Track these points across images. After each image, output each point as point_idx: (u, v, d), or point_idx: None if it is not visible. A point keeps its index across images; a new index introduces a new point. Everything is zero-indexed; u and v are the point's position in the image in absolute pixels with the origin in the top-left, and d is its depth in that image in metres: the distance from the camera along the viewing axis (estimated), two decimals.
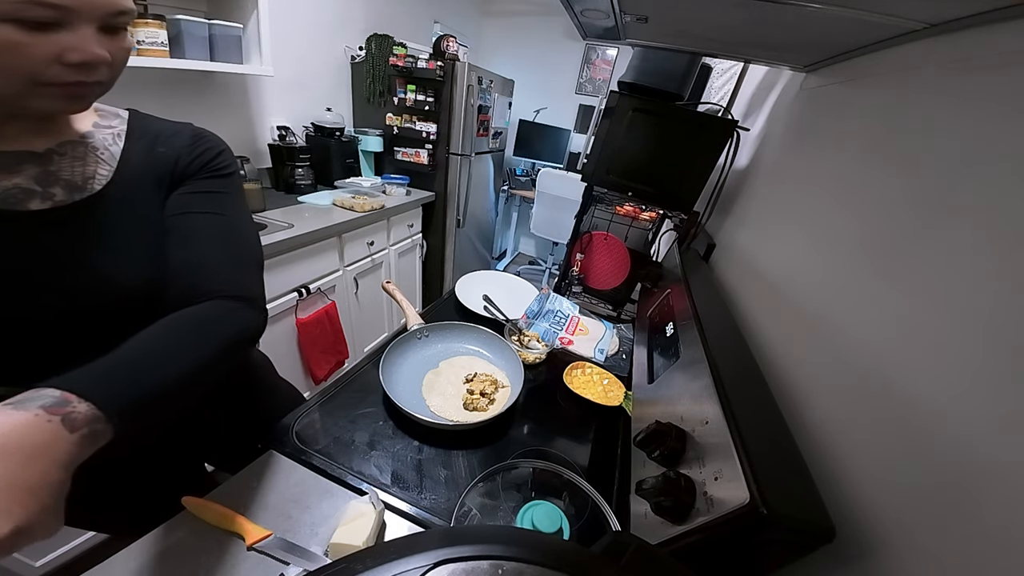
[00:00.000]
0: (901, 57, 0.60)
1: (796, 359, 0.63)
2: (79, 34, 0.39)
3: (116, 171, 0.51)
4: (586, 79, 3.46)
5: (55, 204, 0.46)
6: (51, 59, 0.38)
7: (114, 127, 0.53)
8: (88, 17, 0.39)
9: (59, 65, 0.38)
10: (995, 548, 0.30)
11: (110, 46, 0.41)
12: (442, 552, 0.27)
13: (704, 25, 0.78)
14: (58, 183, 0.47)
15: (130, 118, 0.55)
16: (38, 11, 0.35)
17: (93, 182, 0.49)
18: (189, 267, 0.51)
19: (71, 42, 0.38)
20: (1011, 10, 0.41)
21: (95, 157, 0.50)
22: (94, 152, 0.50)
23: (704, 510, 0.42)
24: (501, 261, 4.00)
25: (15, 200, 0.44)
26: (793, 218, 0.81)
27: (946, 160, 0.46)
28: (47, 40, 0.37)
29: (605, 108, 1.20)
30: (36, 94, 0.39)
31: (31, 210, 0.45)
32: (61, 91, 0.40)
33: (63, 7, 0.37)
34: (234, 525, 0.51)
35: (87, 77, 0.41)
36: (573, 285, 1.49)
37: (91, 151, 0.50)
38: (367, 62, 2.30)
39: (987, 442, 0.33)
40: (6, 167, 0.44)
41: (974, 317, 0.37)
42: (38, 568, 1.09)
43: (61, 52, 0.38)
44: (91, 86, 0.42)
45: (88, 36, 0.39)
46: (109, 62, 0.41)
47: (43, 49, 0.37)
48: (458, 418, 0.75)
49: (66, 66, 0.39)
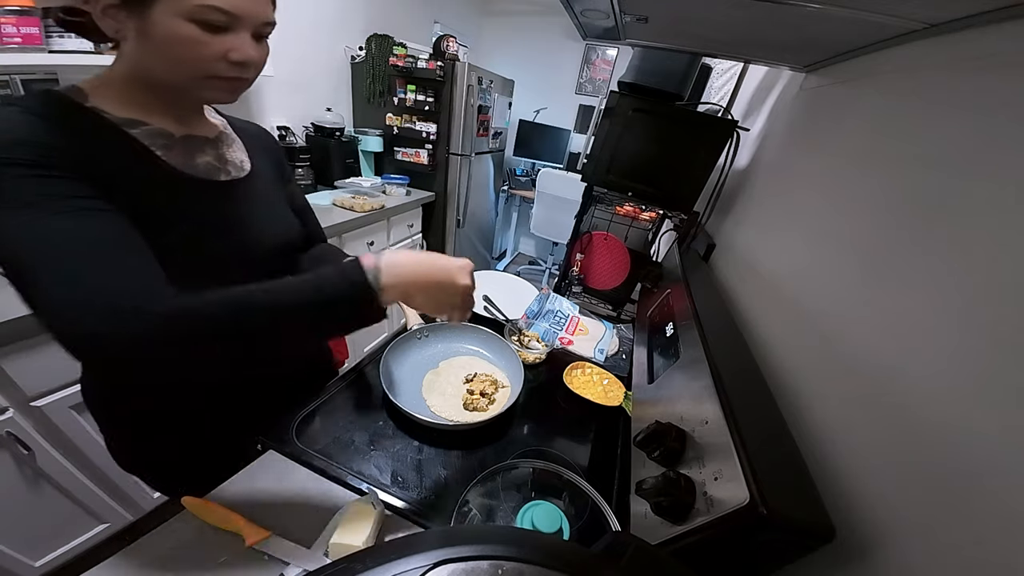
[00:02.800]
0: (901, 57, 0.60)
1: (796, 359, 0.63)
2: (240, 38, 0.48)
3: (250, 158, 0.65)
4: (586, 79, 3.46)
5: (231, 178, 0.61)
6: (219, 56, 0.47)
7: (223, 123, 0.66)
8: (248, 25, 0.48)
9: (224, 62, 0.48)
10: (995, 547, 0.30)
11: (258, 51, 0.51)
12: (442, 552, 0.27)
13: (704, 25, 0.78)
14: (228, 163, 0.61)
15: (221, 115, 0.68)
16: (216, 16, 0.45)
17: (244, 164, 0.64)
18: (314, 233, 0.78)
19: (235, 44, 0.48)
20: (1011, 10, 0.41)
21: (239, 146, 0.65)
22: (236, 142, 0.65)
23: (704, 510, 0.42)
24: (501, 261, 4.00)
25: (211, 172, 0.58)
26: (793, 218, 0.81)
27: (946, 160, 0.46)
28: (218, 40, 0.46)
29: (605, 108, 1.20)
30: (206, 85, 0.49)
31: (221, 180, 0.59)
32: (223, 84, 0.50)
33: (234, 15, 0.46)
34: (234, 525, 0.51)
35: (242, 74, 0.50)
36: (573, 285, 1.49)
37: (234, 141, 0.65)
38: (367, 62, 2.30)
39: (987, 442, 0.33)
40: (198, 147, 0.58)
41: (974, 317, 0.37)
42: (38, 568, 1.09)
43: (228, 51, 0.47)
44: (244, 82, 0.52)
45: (247, 40, 0.49)
46: (258, 63, 0.52)
47: (215, 48, 0.47)
48: (458, 418, 0.75)
49: (229, 63, 0.48)
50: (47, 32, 1.07)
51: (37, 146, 0.42)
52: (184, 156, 0.55)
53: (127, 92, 0.51)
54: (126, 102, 0.51)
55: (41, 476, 1.03)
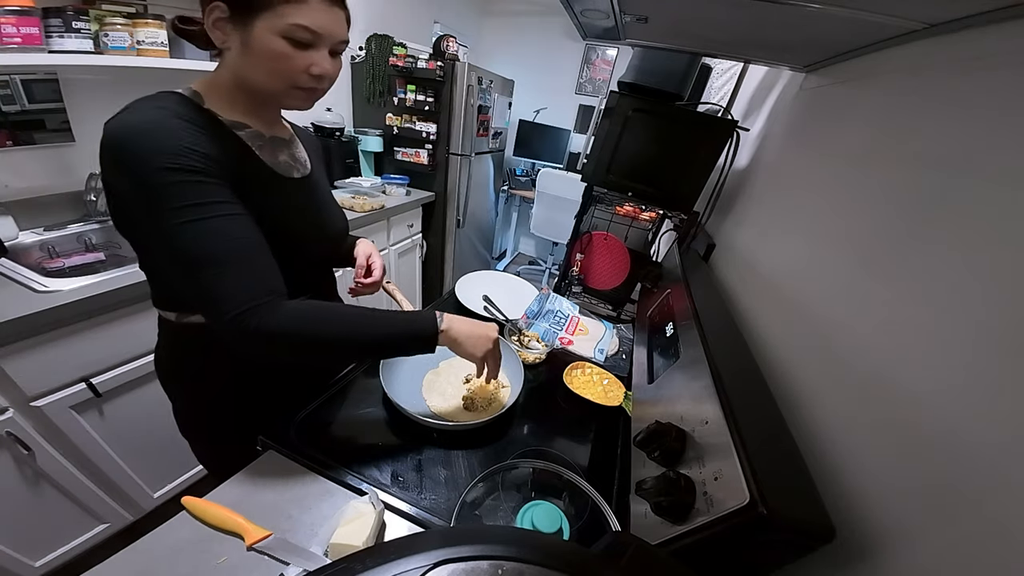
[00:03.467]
0: (901, 57, 0.60)
1: (796, 359, 0.63)
2: (321, 54, 0.55)
3: (309, 157, 0.73)
4: (586, 79, 3.46)
5: (301, 175, 0.68)
6: (303, 69, 0.54)
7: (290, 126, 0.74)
8: (327, 42, 0.55)
9: (306, 74, 0.54)
10: (995, 547, 0.30)
11: (333, 66, 0.57)
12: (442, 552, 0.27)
13: (704, 25, 0.78)
14: (298, 161, 0.69)
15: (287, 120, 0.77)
16: (302, 34, 0.52)
17: (308, 163, 0.71)
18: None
19: (316, 59, 0.54)
20: (1011, 10, 0.41)
21: (303, 147, 0.73)
22: (299, 144, 0.72)
23: (704, 510, 0.42)
24: (501, 261, 4.00)
25: (289, 169, 0.66)
26: (793, 218, 0.81)
27: (946, 160, 0.46)
28: (303, 55, 0.53)
29: (605, 108, 1.20)
30: (290, 94, 0.57)
31: (295, 177, 0.67)
32: (303, 93, 0.57)
33: (318, 33, 0.52)
34: (234, 525, 0.51)
35: (319, 85, 0.57)
36: (573, 285, 1.49)
37: (299, 142, 0.72)
38: (367, 62, 2.29)
39: (986, 441, 0.33)
40: (280, 147, 0.66)
41: (974, 317, 0.37)
42: (38, 568, 1.09)
43: (310, 65, 0.54)
44: (320, 92, 0.59)
45: (325, 56, 0.55)
46: (333, 76, 0.58)
47: (300, 62, 0.53)
48: (458, 418, 0.75)
49: (310, 75, 0.55)
50: (47, 32, 1.07)
51: (196, 153, 0.49)
52: (272, 154, 0.63)
53: (232, 97, 0.58)
54: (232, 106, 0.58)
55: (41, 476, 1.03)
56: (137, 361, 1.12)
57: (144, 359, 1.13)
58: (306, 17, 0.51)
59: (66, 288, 0.95)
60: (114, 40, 1.17)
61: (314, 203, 0.71)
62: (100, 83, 1.29)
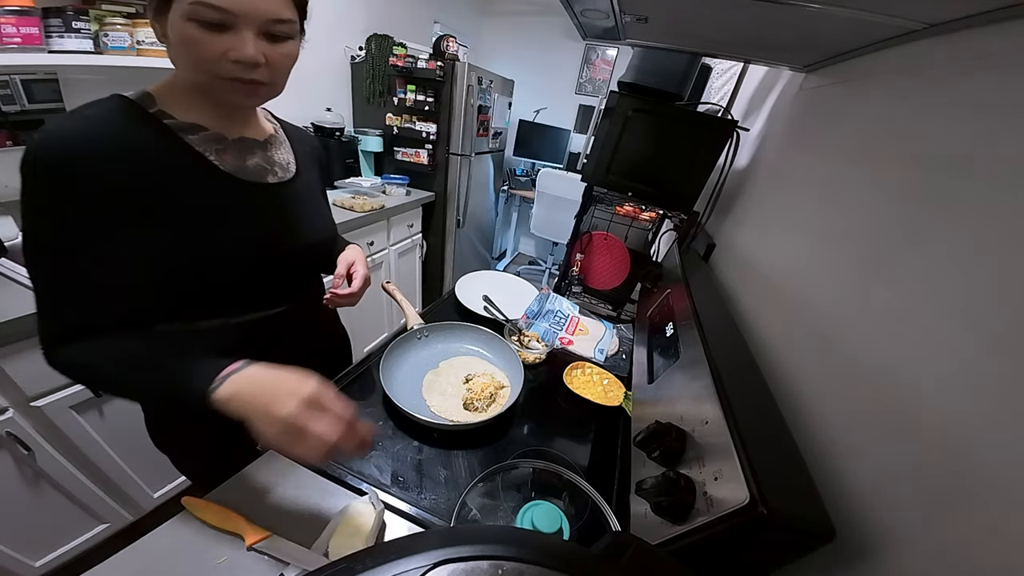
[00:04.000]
0: (901, 57, 0.60)
1: (796, 359, 0.63)
2: (240, 37, 0.47)
3: (296, 160, 0.69)
4: (586, 79, 3.46)
5: (279, 180, 0.64)
6: (220, 55, 0.47)
7: (276, 125, 0.70)
8: (249, 22, 0.47)
9: (227, 61, 0.48)
10: (995, 546, 0.30)
11: (268, 51, 0.50)
12: (442, 552, 0.27)
13: (704, 25, 0.78)
14: (276, 165, 0.65)
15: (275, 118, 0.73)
16: (209, 13, 0.45)
17: (290, 166, 0.67)
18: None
19: (232, 43, 0.47)
20: (1011, 10, 0.41)
21: (286, 148, 0.68)
22: (284, 145, 0.68)
23: (704, 510, 0.42)
24: (501, 261, 3.99)
25: (260, 174, 0.62)
26: (793, 218, 0.81)
27: (946, 160, 0.46)
28: (218, 39, 0.46)
29: (605, 108, 1.20)
30: (218, 86, 0.50)
31: (267, 183, 0.62)
32: (233, 85, 0.50)
33: (225, 10, 0.45)
34: (234, 525, 0.51)
35: (247, 75, 0.49)
36: (573, 285, 1.49)
37: (282, 144, 0.68)
38: (367, 62, 2.29)
39: (987, 441, 0.33)
40: (248, 149, 0.61)
41: (974, 317, 0.37)
42: (38, 568, 1.09)
43: (226, 50, 0.47)
44: (254, 84, 0.51)
45: (248, 39, 0.47)
46: (263, 63, 0.50)
47: (215, 46, 0.47)
48: (458, 418, 0.75)
49: (232, 63, 0.48)
50: (47, 32, 1.07)
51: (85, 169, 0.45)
52: (236, 158, 0.59)
53: (188, 96, 0.54)
54: (189, 106, 0.54)
55: (41, 476, 1.03)
56: None
57: None
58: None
59: None
60: (114, 40, 1.17)
61: (292, 209, 0.66)
62: (100, 83, 1.29)
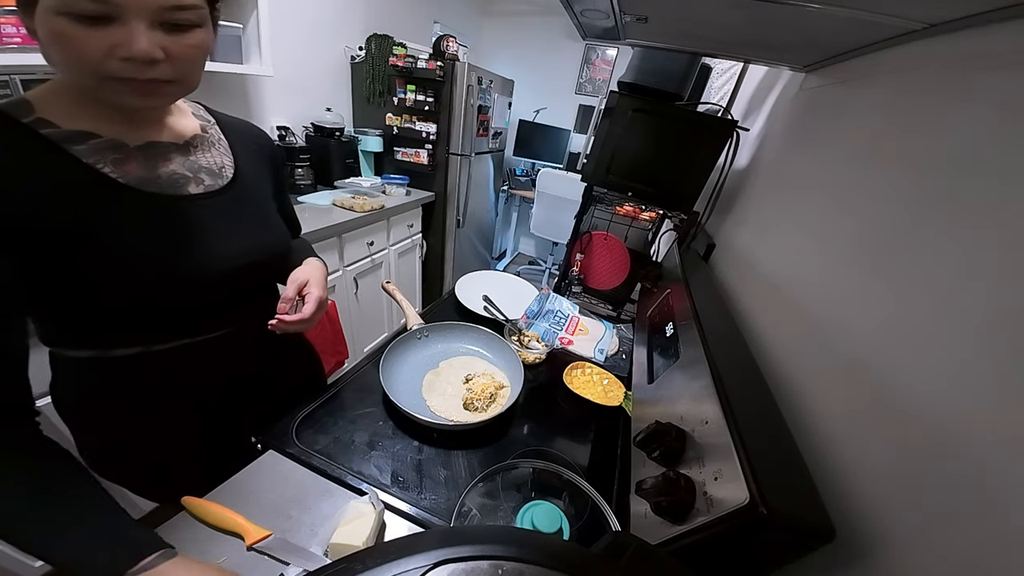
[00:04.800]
0: (901, 57, 0.60)
1: (796, 359, 0.63)
2: (129, 29, 0.39)
3: (235, 162, 0.60)
4: (586, 79, 3.46)
5: (206, 189, 0.55)
6: (105, 53, 0.39)
7: (210, 122, 0.61)
8: (137, 12, 0.39)
9: (116, 60, 0.39)
10: (995, 547, 0.30)
11: (169, 43, 0.41)
12: (442, 552, 0.27)
13: (704, 25, 0.78)
14: (202, 171, 0.55)
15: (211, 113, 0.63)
16: (81, 4, 0.36)
17: (225, 171, 0.58)
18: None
19: (120, 37, 0.39)
20: (1011, 10, 0.41)
21: (219, 149, 0.59)
22: (217, 145, 0.59)
23: (704, 510, 0.42)
24: (501, 261, 3.99)
25: (178, 185, 0.52)
26: (793, 218, 0.81)
27: (945, 160, 0.46)
28: (99, 34, 0.38)
29: (605, 108, 1.20)
30: (106, 88, 0.41)
31: (191, 193, 0.53)
32: (126, 86, 0.42)
33: (109, 2, 0.37)
34: (234, 525, 0.51)
35: (143, 73, 0.41)
36: (573, 285, 1.49)
37: (213, 144, 0.59)
38: (367, 62, 2.29)
39: (987, 441, 0.33)
40: (161, 155, 0.52)
41: (974, 317, 0.37)
42: (38, 568, 1.09)
43: (112, 46, 0.39)
44: (154, 83, 0.43)
45: (139, 32, 0.39)
46: (162, 58, 0.41)
47: (96, 43, 0.38)
48: (458, 418, 0.75)
49: (121, 61, 0.39)
50: None
51: None
52: (143, 168, 0.49)
53: (74, 99, 0.45)
54: (76, 110, 0.45)
55: None
56: None
57: None
58: None
59: None
60: None
61: (222, 223, 0.56)
62: None
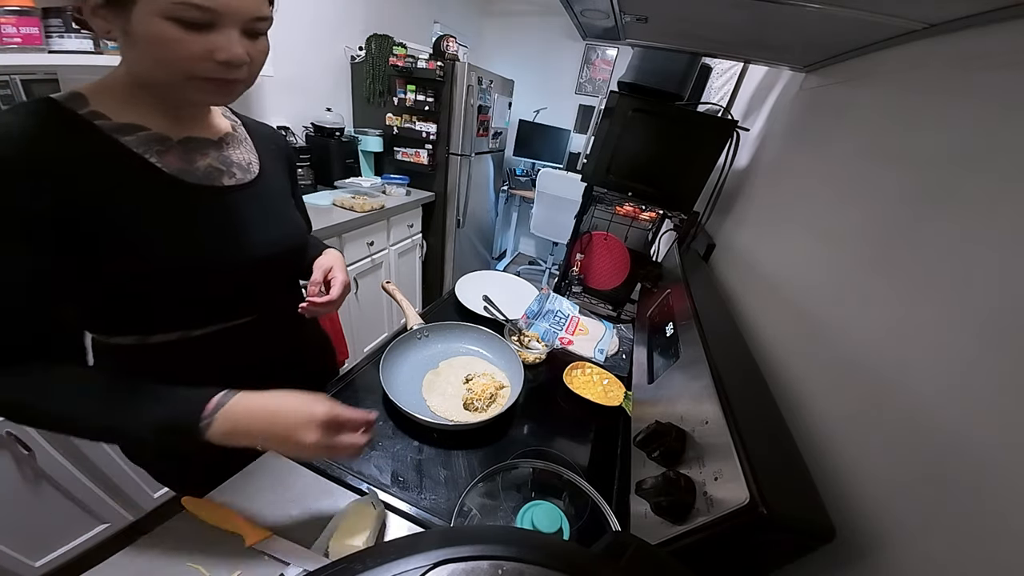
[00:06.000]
0: (901, 57, 0.60)
1: (796, 359, 0.63)
2: (225, 35, 0.45)
3: (260, 159, 0.65)
4: (586, 79, 3.46)
5: (237, 182, 0.60)
6: (203, 56, 0.45)
7: (237, 122, 0.66)
8: (233, 21, 0.45)
9: (210, 62, 0.45)
10: (996, 547, 0.30)
11: (250, 48, 0.48)
12: (442, 552, 0.27)
13: (704, 25, 0.78)
14: (233, 165, 0.60)
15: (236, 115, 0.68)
16: (191, 12, 0.42)
17: (252, 166, 0.63)
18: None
19: (219, 42, 0.45)
20: (1011, 10, 0.41)
21: (246, 147, 0.64)
22: (244, 143, 0.64)
23: (704, 510, 0.42)
24: (501, 261, 3.99)
25: (213, 177, 0.57)
26: (793, 218, 0.81)
27: (946, 160, 0.46)
28: (200, 39, 0.44)
29: (605, 108, 1.20)
30: (191, 86, 0.47)
31: (222, 185, 0.58)
32: (211, 85, 0.48)
33: (211, 10, 0.43)
34: (234, 525, 0.51)
35: (229, 75, 0.47)
36: (573, 285, 1.49)
37: (241, 143, 0.64)
38: (367, 62, 2.29)
39: (987, 441, 0.33)
40: (198, 149, 0.57)
41: (976, 317, 0.37)
42: (38, 568, 1.09)
43: (211, 50, 0.45)
44: (235, 83, 0.49)
45: (233, 38, 0.46)
46: (248, 62, 0.48)
47: (197, 46, 0.44)
48: (458, 418, 0.75)
49: (215, 63, 0.45)
50: (47, 32, 1.07)
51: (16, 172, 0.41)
52: (182, 160, 0.54)
53: (130, 94, 0.50)
54: (126, 105, 0.50)
55: (41, 476, 1.03)
56: None
57: None
58: None
59: None
60: None
61: (253, 214, 0.61)
62: None
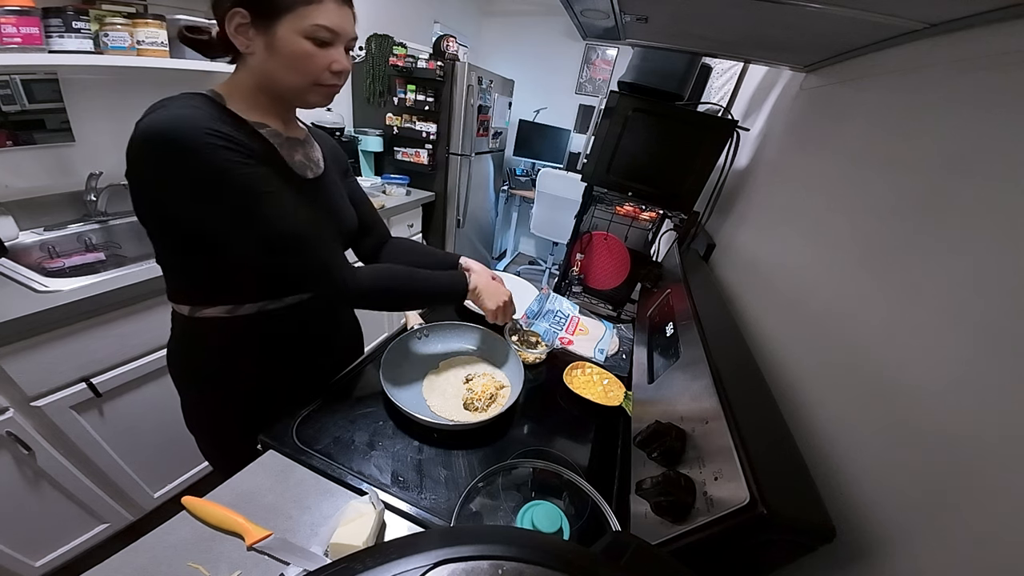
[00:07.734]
0: (901, 57, 0.60)
1: (796, 359, 0.63)
2: (339, 51, 0.59)
3: (324, 157, 0.75)
4: (586, 79, 3.46)
5: (315, 175, 0.71)
6: (325, 67, 0.58)
7: (307, 127, 0.77)
8: (343, 40, 0.59)
9: (328, 72, 0.59)
10: (995, 547, 0.30)
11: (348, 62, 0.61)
12: (442, 552, 0.27)
13: (704, 25, 0.78)
14: (312, 161, 0.72)
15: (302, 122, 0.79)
16: (324, 33, 0.56)
17: (320, 163, 0.74)
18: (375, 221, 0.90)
19: (336, 56, 0.59)
20: (1011, 10, 0.41)
21: (317, 146, 0.75)
22: (314, 144, 0.75)
23: (704, 510, 0.42)
24: (501, 261, 3.99)
25: (304, 168, 0.69)
26: (793, 218, 0.81)
27: (946, 160, 0.46)
28: (325, 53, 0.58)
29: (605, 108, 1.20)
30: (313, 91, 0.61)
31: (309, 177, 0.70)
32: (325, 90, 0.61)
33: (335, 32, 0.57)
34: (234, 525, 0.51)
35: (339, 81, 0.62)
36: (573, 285, 1.49)
37: (313, 143, 0.75)
38: (367, 62, 2.29)
39: (987, 442, 0.33)
40: (295, 147, 0.68)
41: (976, 317, 0.37)
42: (38, 568, 1.09)
43: (331, 62, 0.58)
44: (338, 88, 0.63)
45: (343, 53, 0.60)
46: (348, 72, 0.62)
47: (322, 60, 0.58)
48: (458, 418, 0.75)
49: (332, 72, 0.59)
50: (47, 32, 1.07)
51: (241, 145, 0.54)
52: (289, 153, 0.66)
53: (253, 98, 0.61)
54: (252, 107, 0.61)
55: (41, 476, 1.03)
56: (137, 361, 1.12)
57: (145, 359, 1.13)
58: (324, 17, 0.55)
59: (66, 288, 0.95)
60: (114, 40, 1.17)
61: (325, 203, 0.73)
62: (100, 83, 1.29)
